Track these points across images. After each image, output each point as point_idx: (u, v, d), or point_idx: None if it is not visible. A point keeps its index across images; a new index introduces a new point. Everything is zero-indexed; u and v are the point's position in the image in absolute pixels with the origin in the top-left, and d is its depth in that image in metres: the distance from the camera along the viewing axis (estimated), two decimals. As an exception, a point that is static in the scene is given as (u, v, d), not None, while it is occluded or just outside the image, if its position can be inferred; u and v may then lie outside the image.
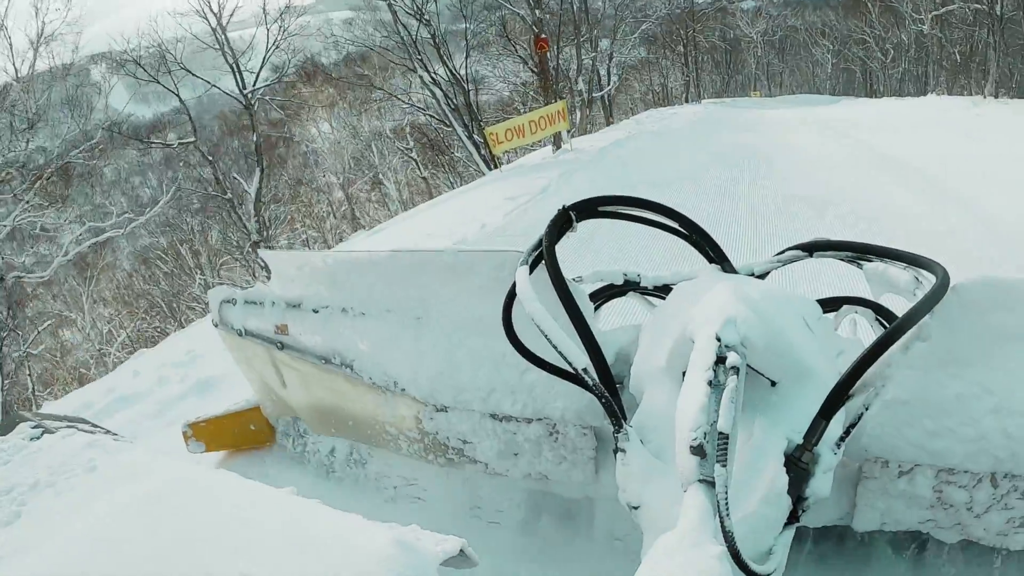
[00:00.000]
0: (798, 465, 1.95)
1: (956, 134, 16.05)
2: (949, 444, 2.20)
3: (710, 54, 57.28)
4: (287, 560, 1.61)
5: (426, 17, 27.74)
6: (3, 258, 22.01)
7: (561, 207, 2.63)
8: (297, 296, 3.51)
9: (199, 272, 36.05)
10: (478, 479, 3.21)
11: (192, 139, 29.55)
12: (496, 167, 21.25)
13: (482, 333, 2.81)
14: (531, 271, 2.45)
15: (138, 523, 1.88)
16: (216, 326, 3.90)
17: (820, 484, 1.98)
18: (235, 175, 32.90)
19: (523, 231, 10.50)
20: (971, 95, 29.00)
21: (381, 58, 32.57)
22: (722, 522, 1.61)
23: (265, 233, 30.91)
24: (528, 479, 2.95)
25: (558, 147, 20.42)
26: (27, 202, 22.04)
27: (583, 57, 34.24)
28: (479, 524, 3.18)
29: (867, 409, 2.13)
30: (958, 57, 40.81)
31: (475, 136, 28.50)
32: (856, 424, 2.09)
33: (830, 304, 3.04)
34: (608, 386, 2.22)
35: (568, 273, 2.51)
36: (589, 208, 2.70)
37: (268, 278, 3.78)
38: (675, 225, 2.79)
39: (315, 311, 3.42)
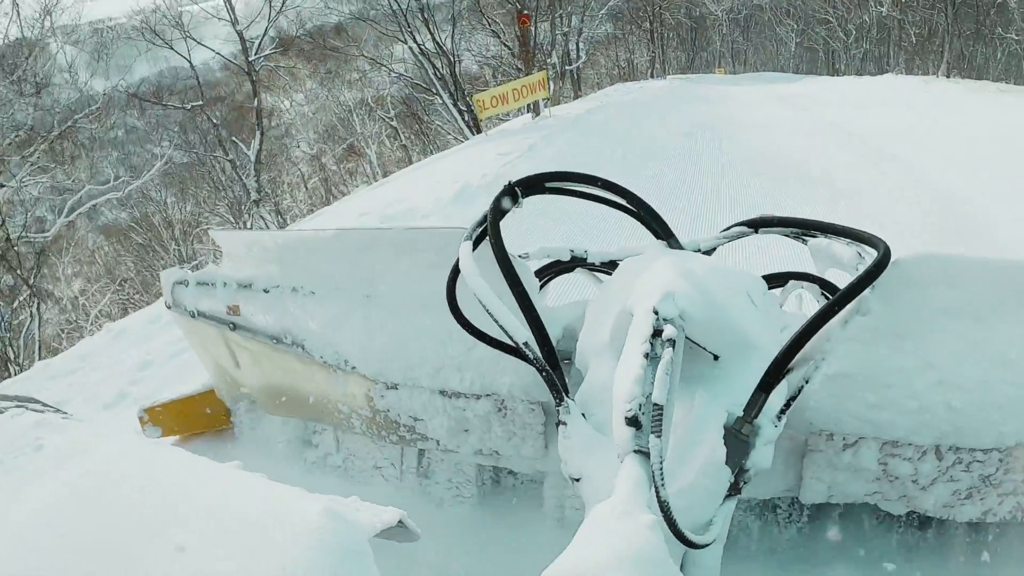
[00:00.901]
0: (738, 437, 1.97)
1: (905, 109, 18.46)
2: (892, 417, 2.23)
3: (675, 31, 57.28)
4: (220, 532, 1.61)
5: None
6: (4, 219, 21.90)
7: (507, 183, 2.61)
8: (248, 276, 3.45)
9: (173, 243, 35.85)
10: (431, 456, 3.22)
11: (200, 102, 31.13)
12: (479, 132, 22.10)
13: (430, 310, 2.78)
14: (475, 247, 2.44)
15: (79, 500, 1.86)
16: (169, 308, 3.84)
17: (760, 456, 2.00)
18: (234, 138, 33.56)
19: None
20: (927, 75, 30.01)
21: (354, 30, 32.94)
22: (657, 492, 1.62)
23: (262, 192, 32.15)
24: (479, 455, 2.95)
25: (537, 114, 21.31)
26: (32, 164, 22.30)
27: (557, 32, 34.72)
28: (432, 499, 3.20)
29: (807, 382, 2.15)
30: (914, 39, 41.56)
31: (459, 104, 29.97)
32: (796, 397, 2.11)
33: (776, 279, 3.07)
34: (549, 359, 2.22)
35: (516, 249, 2.50)
36: (536, 184, 2.65)
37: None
38: (622, 202, 2.78)
39: (266, 291, 3.37)
